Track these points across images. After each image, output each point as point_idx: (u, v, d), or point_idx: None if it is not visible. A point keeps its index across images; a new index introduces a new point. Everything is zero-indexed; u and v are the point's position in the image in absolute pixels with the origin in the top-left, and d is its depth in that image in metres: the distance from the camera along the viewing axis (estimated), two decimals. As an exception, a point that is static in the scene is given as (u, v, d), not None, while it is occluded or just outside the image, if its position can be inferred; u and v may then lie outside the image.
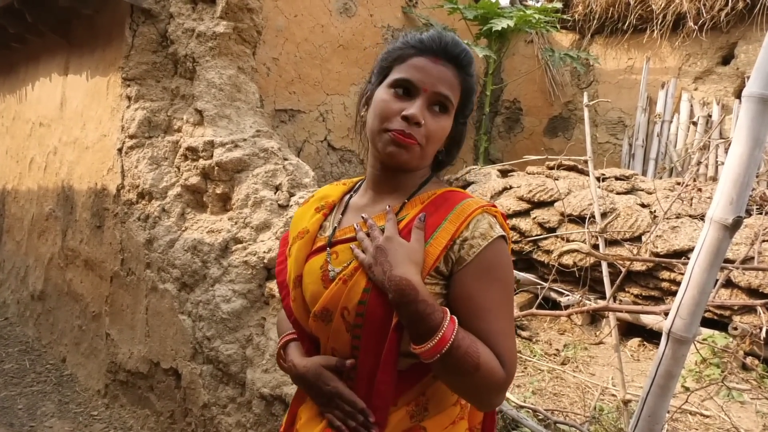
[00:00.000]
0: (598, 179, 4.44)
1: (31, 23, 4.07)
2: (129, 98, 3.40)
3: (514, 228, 4.42)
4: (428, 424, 1.11)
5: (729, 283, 3.43)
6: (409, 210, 1.12)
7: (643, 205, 4.23)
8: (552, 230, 4.29)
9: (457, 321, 1.00)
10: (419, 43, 1.11)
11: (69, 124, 4.20)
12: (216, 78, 3.15)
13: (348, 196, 1.26)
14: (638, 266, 3.74)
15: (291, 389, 2.30)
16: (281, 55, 5.09)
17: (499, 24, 5.91)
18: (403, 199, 1.15)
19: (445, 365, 0.99)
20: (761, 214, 3.60)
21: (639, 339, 3.78)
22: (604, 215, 4.01)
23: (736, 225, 1.20)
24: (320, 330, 1.13)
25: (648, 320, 3.71)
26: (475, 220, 1.05)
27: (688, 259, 1.24)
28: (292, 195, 2.84)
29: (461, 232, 1.05)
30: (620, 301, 3.79)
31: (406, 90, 1.09)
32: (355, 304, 1.05)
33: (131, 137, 3.34)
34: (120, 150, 3.42)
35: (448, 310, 1.01)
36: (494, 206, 1.11)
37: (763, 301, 2.11)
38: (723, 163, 5.34)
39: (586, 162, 2.64)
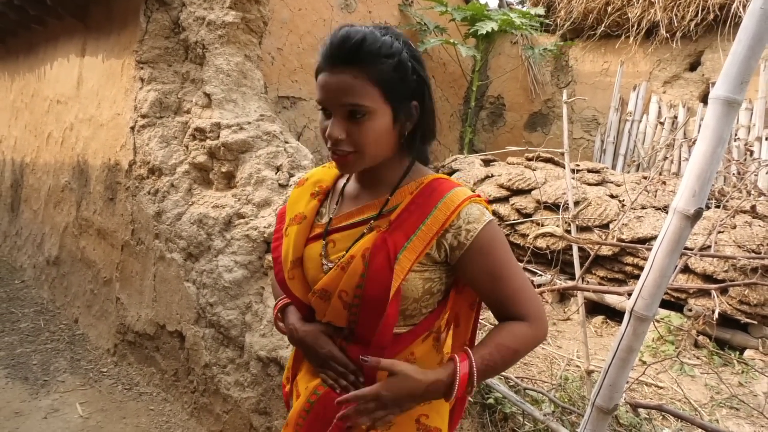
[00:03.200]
0: (572, 171, 4.46)
1: (51, 6, 3.99)
2: (142, 80, 3.35)
3: (493, 213, 4.43)
4: None
5: (686, 269, 3.47)
6: (398, 200, 1.10)
7: (611, 196, 4.26)
8: (528, 216, 4.31)
9: (470, 352, 1.05)
10: (321, 58, 1.03)
11: (85, 103, 4.13)
12: (224, 64, 3.11)
13: (342, 183, 1.23)
14: (605, 251, 3.78)
15: (286, 352, 2.31)
16: (285, 46, 5.04)
17: (485, 27, 5.88)
18: (387, 190, 1.12)
19: (490, 376, 1.10)
20: (719, 207, 3.64)
21: (603, 317, 3.82)
22: (576, 204, 4.03)
23: (697, 216, 1.20)
24: (319, 306, 1.14)
25: (612, 300, 3.75)
26: (466, 209, 1.06)
27: (651, 245, 1.25)
28: (291, 175, 2.83)
29: (452, 221, 1.05)
30: (587, 282, 3.83)
31: (325, 110, 1.05)
32: (353, 287, 1.05)
33: (143, 117, 3.29)
34: (132, 128, 3.38)
35: (455, 356, 1.05)
36: (478, 196, 1.11)
37: (717, 285, 2.14)
38: (686, 160, 5.38)
39: (562, 154, 2.65)
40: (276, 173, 2.83)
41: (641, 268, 3.55)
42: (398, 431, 1.12)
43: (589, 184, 4.49)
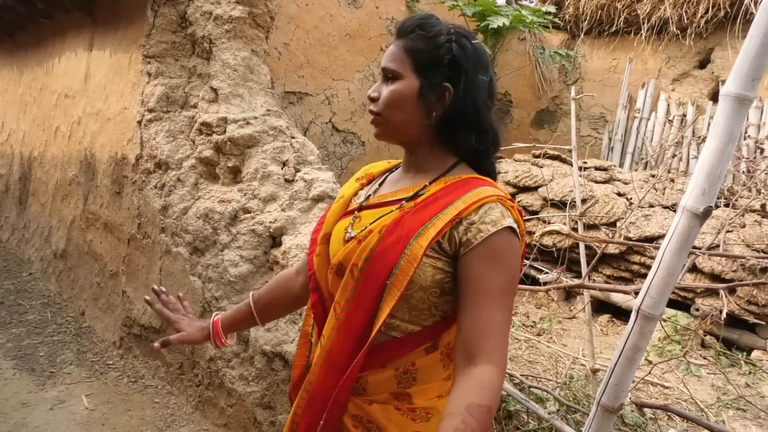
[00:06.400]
0: (579, 168, 4.43)
1: (59, 0, 4.00)
2: (149, 74, 3.36)
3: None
4: (414, 392, 1.08)
5: (694, 268, 3.45)
6: (431, 189, 1.08)
7: (619, 194, 4.23)
8: (535, 213, 4.29)
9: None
10: None
11: (92, 97, 4.14)
12: (231, 59, 3.11)
13: (388, 173, 1.26)
14: (612, 249, 3.76)
15: (290, 347, 2.31)
16: (292, 41, 5.03)
17: (495, 22, 5.85)
18: (428, 179, 1.11)
19: None
20: (728, 206, 3.61)
21: (609, 315, 3.81)
22: (583, 201, 4.01)
23: (706, 214, 1.19)
24: (334, 284, 1.12)
25: (618, 298, 3.73)
26: (487, 207, 0.99)
27: (659, 244, 1.24)
28: (297, 171, 2.82)
29: (468, 214, 0.99)
30: (594, 280, 3.81)
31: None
32: (363, 260, 1.03)
33: (150, 111, 3.30)
34: (139, 122, 3.39)
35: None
36: (511, 199, 1.05)
37: (725, 285, 2.12)
38: (695, 158, 5.34)
39: (569, 152, 2.63)
40: (282, 168, 2.83)
41: (648, 267, 3.53)
42: None
43: (597, 182, 4.46)
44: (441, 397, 1.10)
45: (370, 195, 1.19)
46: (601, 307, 3.91)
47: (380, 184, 1.22)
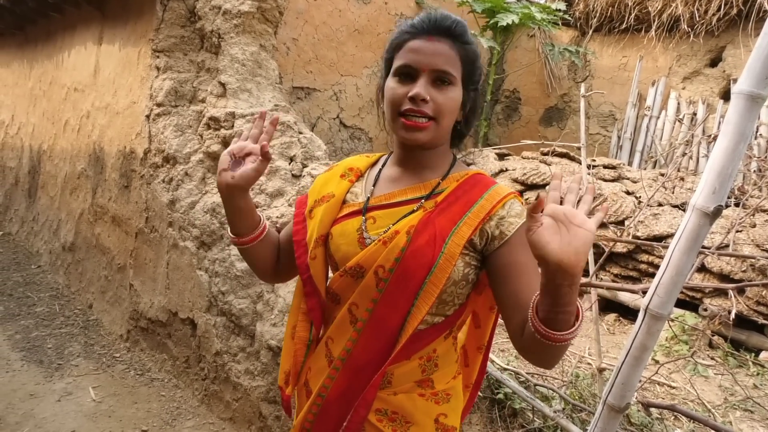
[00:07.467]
0: (588, 166, 4.41)
1: (69, -6, 4.02)
2: (158, 69, 3.36)
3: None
4: (435, 377, 1.14)
5: (703, 268, 3.42)
6: (446, 185, 1.12)
7: (627, 193, 4.21)
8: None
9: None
10: (411, 28, 1.09)
11: (101, 91, 4.16)
12: (239, 54, 3.11)
13: (378, 169, 1.23)
14: (620, 248, 3.74)
15: (296, 343, 2.32)
16: (300, 36, 5.03)
17: (505, 19, 5.82)
18: (433, 176, 1.14)
19: (565, 346, 0.96)
20: (738, 206, 3.58)
21: (615, 315, 3.79)
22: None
23: (716, 213, 1.18)
24: (346, 286, 1.12)
25: (625, 298, 3.71)
26: (510, 203, 1.08)
27: (667, 243, 1.23)
28: (305, 166, 2.82)
29: (497, 211, 1.06)
30: (601, 279, 3.79)
31: (407, 75, 1.06)
32: (392, 260, 1.05)
33: (159, 105, 3.31)
34: (148, 116, 3.40)
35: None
36: (520, 194, 1.14)
37: (734, 285, 2.10)
38: (705, 157, 5.30)
39: (578, 149, 2.61)
40: (289, 163, 2.83)
41: (656, 266, 3.51)
42: (418, 431, 1.12)
43: (605, 180, 4.44)
44: (455, 378, 1.19)
45: (369, 195, 1.17)
46: (608, 306, 3.89)
47: (375, 182, 1.20)
